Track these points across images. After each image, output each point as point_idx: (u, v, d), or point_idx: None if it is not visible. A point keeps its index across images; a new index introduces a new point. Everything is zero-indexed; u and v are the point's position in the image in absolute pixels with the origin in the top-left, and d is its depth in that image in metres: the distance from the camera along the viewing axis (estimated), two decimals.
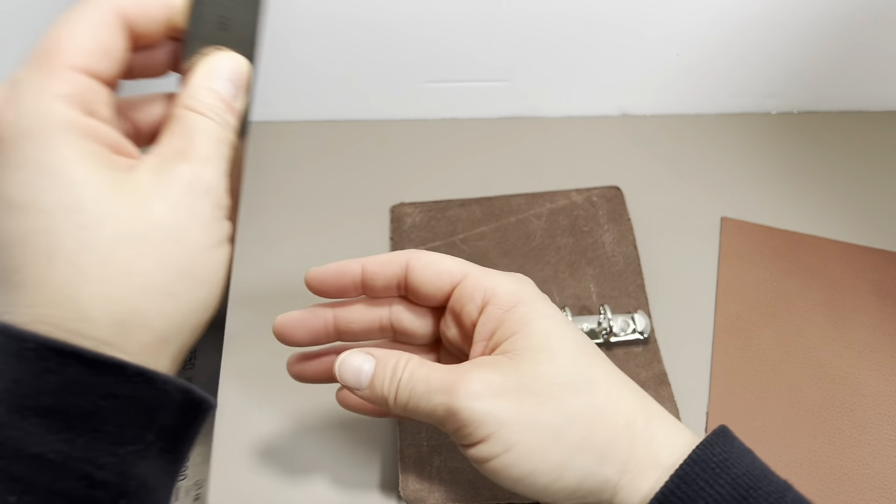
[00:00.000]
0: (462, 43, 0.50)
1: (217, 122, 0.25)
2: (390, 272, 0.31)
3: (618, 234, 0.47)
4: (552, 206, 0.48)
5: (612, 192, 0.49)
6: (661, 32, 0.50)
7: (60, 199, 0.22)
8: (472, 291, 0.30)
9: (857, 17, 0.49)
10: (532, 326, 0.29)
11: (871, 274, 0.47)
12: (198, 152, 0.24)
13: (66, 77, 0.23)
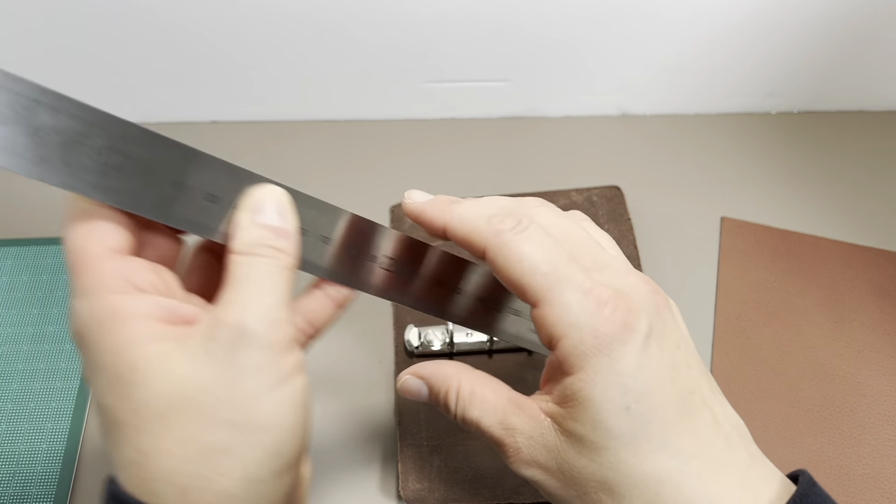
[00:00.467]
0: (462, 43, 0.50)
1: (266, 255, 0.25)
2: (473, 250, 0.28)
3: (618, 233, 0.47)
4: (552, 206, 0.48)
5: (612, 191, 0.49)
6: (660, 32, 0.50)
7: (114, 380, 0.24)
8: (542, 326, 0.26)
9: (855, 17, 0.49)
10: (583, 411, 0.25)
11: (871, 274, 0.47)
12: (243, 299, 0.24)
13: (113, 264, 0.24)
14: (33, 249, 0.47)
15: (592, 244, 0.28)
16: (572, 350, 0.25)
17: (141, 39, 0.48)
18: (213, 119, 0.54)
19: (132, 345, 0.23)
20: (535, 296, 0.26)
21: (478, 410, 0.28)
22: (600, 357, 0.25)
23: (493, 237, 0.27)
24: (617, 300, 0.25)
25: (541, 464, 0.27)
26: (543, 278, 0.26)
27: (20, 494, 0.38)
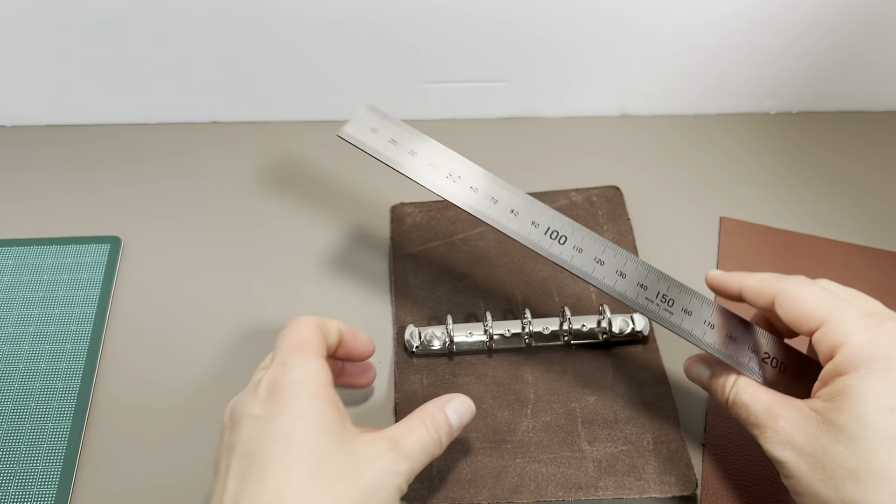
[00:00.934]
0: (462, 43, 0.50)
1: (433, 436, 0.33)
2: (762, 301, 0.35)
3: (617, 233, 0.47)
4: (551, 206, 0.46)
5: (611, 191, 0.49)
6: (660, 33, 0.50)
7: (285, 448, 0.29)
8: (822, 343, 0.31)
9: (855, 17, 0.49)
10: (850, 403, 0.29)
11: (870, 273, 0.47)
12: (406, 450, 0.31)
13: (316, 358, 0.32)
14: (34, 249, 0.47)
15: (857, 292, 0.33)
16: (851, 353, 0.29)
17: (141, 40, 0.48)
18: (214, 119, 0.54)
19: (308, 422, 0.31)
20: (818, 321, 0.31)
21: (749, 396, 0.33)
22: (876, 361, 0.29)
23: (781, 285, 0.34)
24: (894, 323, 0.30)
25: (796, 445, 0.30)
26: (825, 306, 0.31)
27: (21, 494, 0.38)
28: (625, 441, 0.39)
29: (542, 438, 0.40)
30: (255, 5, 0.46)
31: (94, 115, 0.53)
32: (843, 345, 0.29)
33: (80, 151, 0.52)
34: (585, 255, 0.35)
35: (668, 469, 0.38)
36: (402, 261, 0.46)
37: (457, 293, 0.45)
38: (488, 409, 0.41)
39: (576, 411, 0.41)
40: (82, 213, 0.49)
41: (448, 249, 0.47)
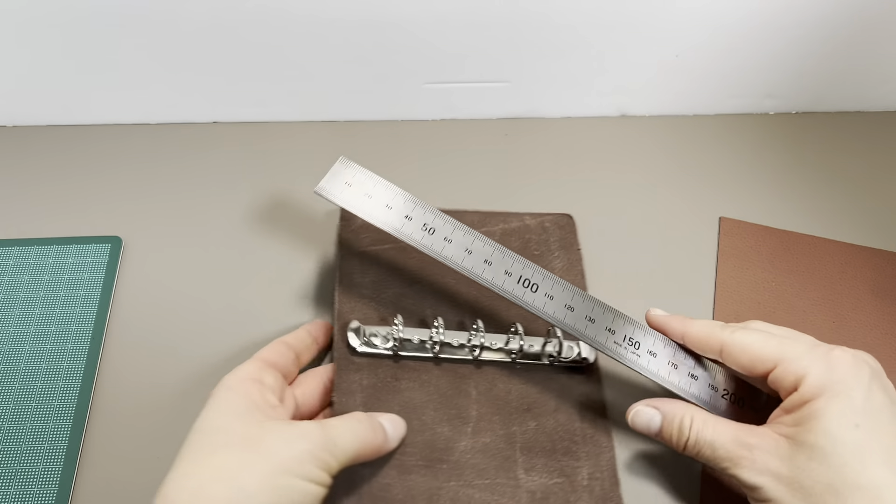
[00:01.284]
0: (462, 43, 0.50)
1: (367, 425, 0.35)
2: (708, 351, 0.36)
3: (567, 262, 0.46)
4: (505, 226, 0.47)
5: (564, 219, 0.48)
6: (660, 33, 0.50)
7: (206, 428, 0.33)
8: (783, 379, 0.33)
9: (855, 18, 0.49)
10: (817, 423, 0.31)
11: (870, 273, 0.47)
12: (332, 435, 0.33)
13: (255, 364, 0.36)
14: (35, 249, 0.47)
15: (792, 331, 0.36)
16: (814, 381, 0.32)
17: (141, 40, 0.48)
18: (214, 119, 0.54)
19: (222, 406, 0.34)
20: (770, 362, 0.33)
21: (711, 433, 0.34)
22: (836, 384, 0.31)
23: (727, 336, 0.35)
24: (842, 353, 0.33)
25: (773, 471, 0.32)
26: (773, 348, 0.33)
27: (22, 494, 0.38)
28: (560, 473, 0.38)
29: (480, 461, 0.38)
30: (255, 5, 0.46)
31: (94, 115, 0.54)
32: (805, 376, 0.32)
33: (80, 151, 0.52)
34: (556, 302, 0.37)
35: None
36: (350, 259, 0.44)
37: (405, 297, 0.43)
38: (429, 421, 0.39)
39: (516, 435, 0.39)
40: (83, 213, 0.49)
41: (399, 254, 0.45)
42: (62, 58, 0.49)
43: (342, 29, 0.48)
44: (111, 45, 0.49)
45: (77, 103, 0.53)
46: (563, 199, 0.51)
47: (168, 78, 0.51)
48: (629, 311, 0.46)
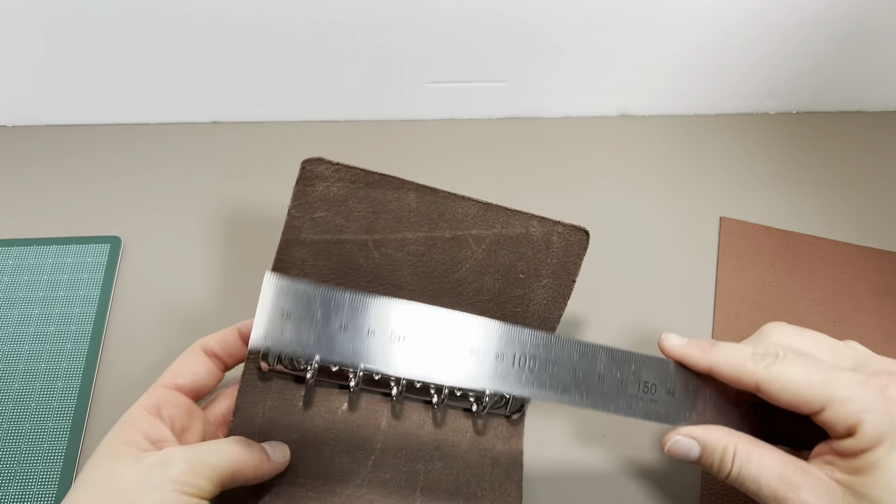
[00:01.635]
0: (462, 43, 0.50)
1: (239, 445, 0.33)
2: (742, 386, 0.32)
3: (551, 294, 0.38)
4: (502, 231, 0.38)
5: (576, 236, 0.38)
6: (660, 33, 0.50)
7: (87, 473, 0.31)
8: (835, 424, 0.30)
9: (855, 18, 0.49)
10: (880, 477, 0.28)
11: (870, 274, 0.47)
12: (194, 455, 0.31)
13: (153, 391, 0.34)
14: (34, 249, 0.47)
15: (841, 345, 0.32)
16: (870, 430, 0.29)
17: (141, 40, 0.48)
18: (214, 119, 0.54)
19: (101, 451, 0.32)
20: (817, 404, 0.30)
21: (756, 467, 0.31)
22: (895, 432, 0.28)
23: (762, 372, 0.31)
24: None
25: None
26: (820, 387, 0.30)
27: (21, 494, 0.38)
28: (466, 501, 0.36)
29: (375, 497, 0.35)
30: (255, 5, 0.46)
31: (94, 115, 0.53)
32: (860, 423, 0.29)
33: (80, 151, 0.52)
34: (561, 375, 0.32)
35: None
36: (293, 247, 0.36)
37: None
38: (328, 452, 0.36)
39: (419, 474, 0.36)
40: (82, 213, 0.49)
41: (354, 250, 0.36)
42: (62, 58, 0.49)
43: (342, 29, 0.48)
44: (111, 45, 0.49)
45: (77, 103, 0.53)
46: (563, 199, 0.51)
47: (168, 78, 0.51)
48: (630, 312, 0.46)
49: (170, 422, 0.33)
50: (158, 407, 0.33)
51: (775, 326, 0.33)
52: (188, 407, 0.35)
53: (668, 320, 0.45)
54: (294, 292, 0.31)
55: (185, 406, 0.34)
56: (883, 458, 0.28)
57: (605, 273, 0.47)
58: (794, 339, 0.33)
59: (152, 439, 0.32)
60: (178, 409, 0.34)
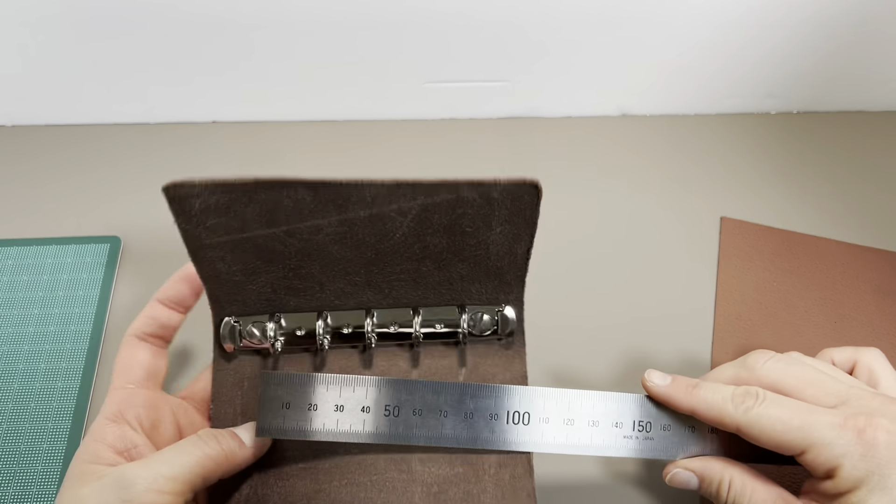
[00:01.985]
0: (462, 43, 0.50)
1: (204, 441, 0.31)
2: (724, 427, 0.32)
3: (513, 235, 0.34)
4: (428, 200, 0.33)
5: (524, 188, 0.32)
6: (661, 33, 0.50)
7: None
8: (815, 468, 0.30)
9: (856, 17, 0.49)
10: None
11: (871, 274, 0.47)
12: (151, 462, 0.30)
13: (112, 397, 0.33)
14: (34, 249, 0.47)
15: (827, 380, 0.32)
16: (848, 475, 0.29)
17: (141, 40, 0.48)
18: (214, 119, 0.54)
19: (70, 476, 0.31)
20: (797, 448, 0.30)
21: (748, 500, 0.32)
22: (872, 476, 0.29)
23: (742, 416, 0.31)
24: (874, 426, 0.30)
25: None
26: (799, 432, 0.30)
27: (21, 494, 0.38)
28: (463, 462, 0.34)
29: (368, 456, 0.34)
30: (255, 5, 0.46)
31: (94, 115, 0.53)
32: (839, 467, 0.30)
33: (80, 151, 0.52)
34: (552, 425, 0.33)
35: (506, 499, 0.33)
36: (206, 250, 0.33)
37: (287, 279, 0.34)
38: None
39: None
40: (82, 213, 0.49)
41: (268, 242, 0.33)
42: (62, 58, 0.49)
43: (342, 29, 0.48)
44: (111, 45, 0.49)
45: (77, 103, 0.53)
46: (563, 199, 0.50)
47: (168, 78, 0.51)
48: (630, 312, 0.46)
49: (137, 423, 0.32)
50: (120, 412, 0.32)
51: (761, 359, 0.34)
52: (152, 400, 0.34)
53: (668, 320, 0.45)
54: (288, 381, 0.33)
55: (148, 400, 0.33)
56: (862, 501, 0.29)
57: (606, 273, 0.47)
58: (778, 375, 0.33)
59: (120, 449, 0.31)
60: (142, 406, 0.33)
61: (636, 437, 0.33)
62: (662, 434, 0.34)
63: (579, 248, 0.49)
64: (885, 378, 0.34)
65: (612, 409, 0.33)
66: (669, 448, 0.34)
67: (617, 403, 0.34)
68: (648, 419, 0.34)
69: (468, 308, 0.35)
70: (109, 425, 0.32)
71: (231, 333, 0.34)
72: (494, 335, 0.35)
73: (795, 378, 0.32)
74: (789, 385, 0.32)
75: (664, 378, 0.34)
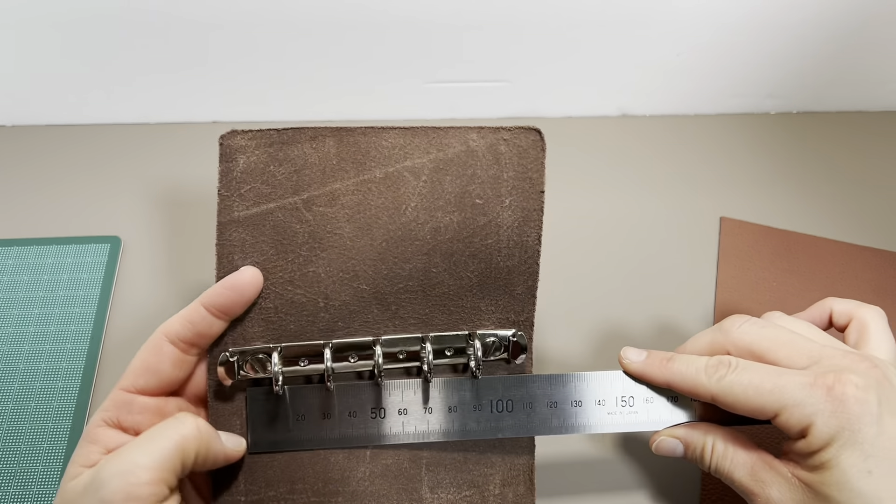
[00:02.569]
0: (462, 43, 0.50)
1: (187, 426, 0.29)
2: (700, 398, 0.33)
3: (522, 214, 0.34)
4: (439, 154, 0.33)
5: (527, 138, 0.33)
6: (660, 33, 0.50)
7: None
8: (789, 428, 0.31)
9: (856, 18, 0.49)
10: (830, 475, 0.30)
11: (870, 274, 0.47)
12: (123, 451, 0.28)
13: (113, 398, 0.31)
14: (34, 249, 0.47)
15: (800, 340, 0.33)
16: (820, 432, 0.30)
17: (141, 40, 0.48)
18: (214, 119, 0.54)
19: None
20: (771, 411, 0.31)
21: (729, 463, 0.32)
22: (843, 432, 0.29)
23: (715, 385, 0.32)
24: (843, 382, 0.30)
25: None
26: (770, 395, 0.31)
27: (21, 494, 0.38)
28: (470, 485, 0.34)
29: (380, 487, 0.33)
30: (255, 5, 0.46)
31: (94, 115, 0.53)
32: (811, 425, 0.30)
33: (80, 151, 0.52)
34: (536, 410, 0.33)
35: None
36: (230, 229, 0.33)
37: (292, 286, 0.33)
38: (320, 451, 0.33)
39: (422, 451, 0.34)
40: (82, 213, 0.49)
41: (286, 217, 0.33)
42: (62, 58, 0.49)
43: (342, 29, 0.48)
44: (111, 45, 0.49)
45: (77, 103, 0.53)
46: (563, 199, 0.50)
47: (168, 78, 0.51)
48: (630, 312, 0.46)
49: (133, 432, 0.31)
50: (118, 418, 0.31)
51: (737, 323, 0.34)
52: (154, 407, 0.32)
53: (668, 320, 0.45)
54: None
55: (151, 408, 0.31)
56: (834, 458, 0.29)
57: (606, 273, 0.47)
58: (752, 338, 0.33)
59: (114, 451, 0.30)
60: (142, 414, 0.31)
61: (620, 412, 0.34)
62: (646, 407, 0.34)
63: (579, 248, 0.49)
64: (875, 336, 0.34)
65: (593, 387, 0.34)
66: (654, 420, 0.34)
67: (598, 382, 0.34)
68: (631, 394, 0.34)
69: (479, 334, 0.34)
70: (105, 428, 0.30)
71: (230, 369, 0.32)
72: (503, 359, 0.35)
73: (769, 340, 0.33)
74: (763, 347, 0.33)
75: (639, 354, 0.35)
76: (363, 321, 0.34)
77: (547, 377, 0.34)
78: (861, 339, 0.34)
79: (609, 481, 0.40)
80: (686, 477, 0.40)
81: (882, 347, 0.34)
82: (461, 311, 0.34)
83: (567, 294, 0.46)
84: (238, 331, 0.33)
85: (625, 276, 0.47)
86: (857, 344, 0.34)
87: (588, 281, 0.47)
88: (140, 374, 0.31)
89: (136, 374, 0.31)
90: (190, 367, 0.33)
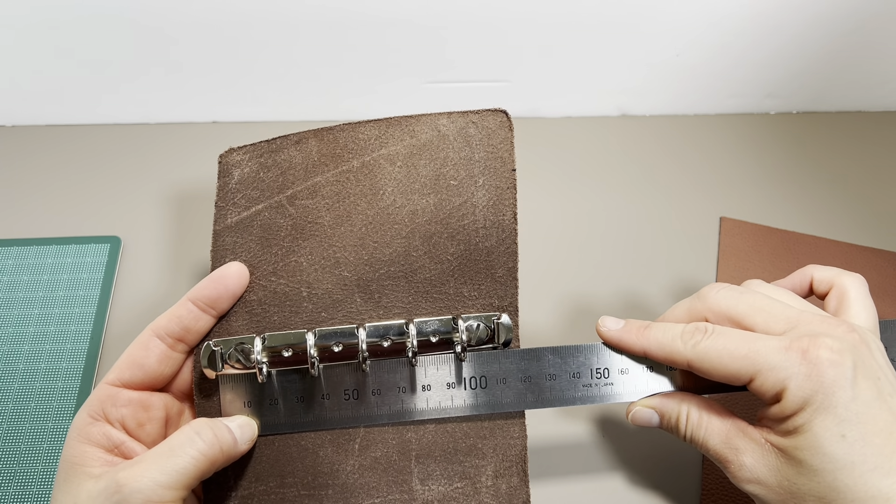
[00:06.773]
0: (462, 43, 0.50)
1: (196, 435, 0.30)
2: (676, 365, 0.33)
3: (496, 193, 0.35)
4: (412, 141, 0.35)
5: (494, 119, 0.36)
6: (660, 33, 0.50)
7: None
8: (763, 392, 0.30)
9: (855, 18, 0.49)
10: (803, 439, 0.29)
11: (870, 274, 0.47)
12: (140, 462, 0.29)
13: (98, 392, 0.31)
14: (34, 249, 0.47)
15: (778, 307, 0.32)
16: (794, 396, 0.29)
17: (141, 40, 0.48)
18: (214, 119, 0.54)
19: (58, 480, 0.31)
20: (745, 376, 0.31)
21: (704, 431, 0.33)
22: (817, 395, 0.29)
23: (691, 351, 0.32)
24: (818, 345, 0.30)
25: (762, 480, 0.31)
26: (745, 360, 0.30)
27: (21, 494, 0.38)
28: (461, 476, 0.34)
29: (370, 479, 0.33)
30: (255, 5, 0.46)
31: (94, 115, 0.53)
32: (785, 389, 0.30)
33: (80, 151, 0.52)
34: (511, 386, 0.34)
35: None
36: (223, 235, 0.35)
37: (275, 276, 0.34)
38: (309, 445, 0.33)
39: (411, 443, 0.34)
40: (82, 213, 0.49)
41: (272, 214, 0.35)
42: (62, 58, 0.49)
43: (342, 28, 0.48)
44: (111, 45, 0.49)
45: (77, 103, 0.53)
46: (562, 199, 0.51)
47: (168, 78, 0.51)
48: (629, 312, 0.46)
49: (120, 425, 0.31)
50: (103, 411, 0.31)
51: (713, 290, 0.34)
52: (140, 401, 0.32)
53: None
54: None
55: (136, 402, 0.32)
56: (808, 422, 0.29)
57: (605, 273, 0.47)
58: (729, 303, 0.33)
59: (107, 446, 0.30)
60: (127, 407, 0.31)
61: (595, 384, 0.34)
62: (621, 378, 0.34)
63: (579, 248, 0.49)
64: (855, 304, 0.34)
65: (568, 360, 0.34)
66: (630, 391, 0.34)
67: (573, 355, 0.34)
68: (606, 366, 0.34)
69: (463, 317, 0.34)
70: (92, 423, 0.31)
71: (213, 360, 0.33)
72: (490, 344, 0.34)
73: (746, 305, 0.32)
74: (740, 312, 0.32)
75: (617, 323, 0.35)
76: (347, 311, 0.34)
77: (520, 351, 0.34)
78: (841, 307, 0.34)
79: (609, 482, 0.40)
80: (687, 473, 0.40)
81: (862, 315, 0.33)
82: (445, 298, 0.34)
83: (567, 294, 0.46)
84: (223, 324, 0.34)
85: (625, 276, 0.47)
86: (836, 311, 0.34)
87: (587, 281, 0.47)
88: (126, 367, 0.32)
89: (121, 368, 0.32)
90: (176, 365, 0.33)
